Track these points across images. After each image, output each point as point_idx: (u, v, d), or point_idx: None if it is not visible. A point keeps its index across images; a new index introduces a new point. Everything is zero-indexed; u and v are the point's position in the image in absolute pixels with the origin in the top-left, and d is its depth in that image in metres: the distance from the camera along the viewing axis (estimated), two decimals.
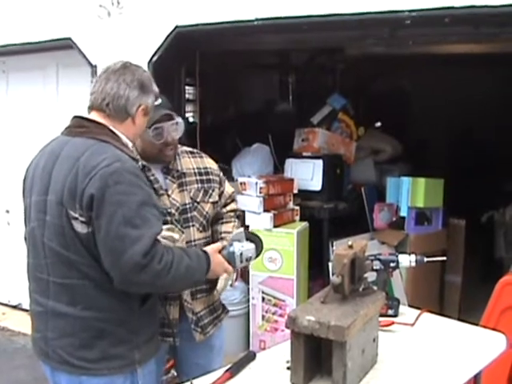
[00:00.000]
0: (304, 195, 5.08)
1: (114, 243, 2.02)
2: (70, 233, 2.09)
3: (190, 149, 2.88)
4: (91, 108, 2.25)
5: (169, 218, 2.63)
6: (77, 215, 2.06)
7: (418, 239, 4.94)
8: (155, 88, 2.32)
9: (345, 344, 1.99)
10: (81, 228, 2.07)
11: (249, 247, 2.51)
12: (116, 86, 2.20)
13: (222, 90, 6.07)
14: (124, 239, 2.01)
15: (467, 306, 5.01)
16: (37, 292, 2.24)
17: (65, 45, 4.81)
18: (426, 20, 3.52)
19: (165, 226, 2.30)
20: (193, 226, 2.68)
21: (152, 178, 2.65)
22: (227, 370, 2.24)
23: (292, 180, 4.95)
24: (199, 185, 2.76)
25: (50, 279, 2.17)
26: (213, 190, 2.80)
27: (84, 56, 4.63)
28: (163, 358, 2.88)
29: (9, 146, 5.67)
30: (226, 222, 2.87)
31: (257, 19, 3.86)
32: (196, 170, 2.79)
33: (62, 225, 2.10)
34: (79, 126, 2.21)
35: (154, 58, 4.35)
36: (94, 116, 2.23)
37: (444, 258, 3.09)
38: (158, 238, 2.11)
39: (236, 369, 2.27)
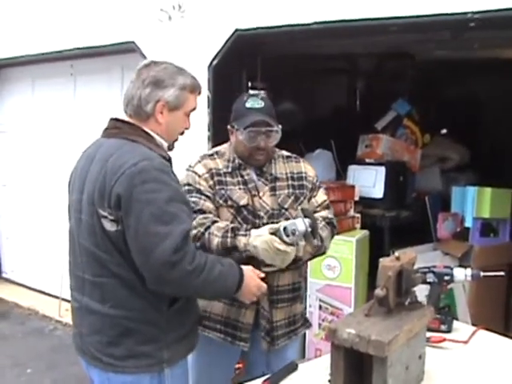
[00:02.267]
0: (366, 203, 4.98)
1: (144, 241, 2.03)
2: (100, 231, 2.11)
3: (287, 153, 2.83)
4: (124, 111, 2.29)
5: (257, 221, 2.62)
6: (106, 214, 2.08)
7: (483, 251, 4.75)
8: (180, 80, 2.23)
9: (385, 360, 1.90)
10: (110, 226, 2.09)
11: (293, 221, 2.43)
12: (131, 86, 2.23)
13: (286, 94, 6.02)
14: (153, 236, 2.02)
15: None
16: (74, 289, 2.29)
17: (129, 48, 4.90)
18: (491, 22, 3.36)
19: None
20: None
21: (247, 177, 2.67)
22: (266, 380, 2.19)
23: (353, 187, 4.86)
24: (290, 190, 2.71)
25: (85, 277, 2.20)
26: (304, 197, 2.73)
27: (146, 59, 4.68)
28: (233, 361, 2.88)
29: (75, 145, 5.79)
30: None
31: (315, 23, 3.80)
32: (289, 175, 2.74)
33: (93, 224, 2.13)
34: (113, 128, 2.25)
35: (215, 62, 4.37)
36: (126, 118, 2.26)
37: (502, 274, 2.92)
38: (190, 232, 2.10)
39: (275, 379, 2.22)
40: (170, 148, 2.34)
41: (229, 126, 2.73)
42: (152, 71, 2.21)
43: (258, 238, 2.44)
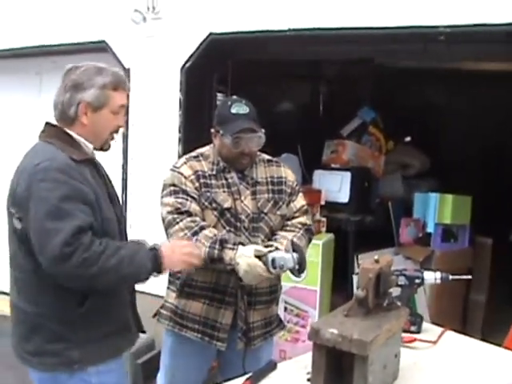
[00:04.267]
0: (331, 207, 5.07)
1: (39, 237, 2.10)
2: (12, 228, 2.22)
3: (268, 157, 2.88)
4: None
5: (238, 224, 2.67)
6: (13, 211, 2.19)
7: (443, 256, 4.89)
8: (99, 80, 2.27)
9: (367, 358, 1.97)
10: (17, 223, 2.18)
11: (282, 255, 2.50)
12: (56, 93, 2.30)
13: (253, 98, 6.05)
14: (45, 232, 2.07)
15: (490, 326, 4.93)
16: (10, 286, 2.35)
17: (99, 47, 4.84)
18: (460, 36, 3.49)
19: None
20: (258, 236, 2.68)
21: (230, 180, 2.71)
22: (247, 379, 2.24)
23: (319, 191, 4.94)
24: (270, 195, 2.76)
25: (12, 273, 2.29)
26: (283, 202, 2.78)
27: (117, 59, 4.67)
28: (209, 360, 2.93)
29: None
30: (289, 231, 2.77)
31: (289, 29, 3.87)
32: (269, 179, 2.79)
33: (8, 222, 2.24)
34: (43, 131, 2.33)
35: (187, 65, 4.40)
36: (56, 121, 2.33)
37: (469, 277, 3.06)
38: (85, 228, 2.11)
39: (256, 378, 2.27)
40: (105, 148, 2.39)
41: (212, 130, 2.77)
42: (72, 75, 2.27)
43: (244, 258, 2.50)
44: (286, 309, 4.61)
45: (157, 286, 3.11)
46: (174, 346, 2.86)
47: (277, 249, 2.57)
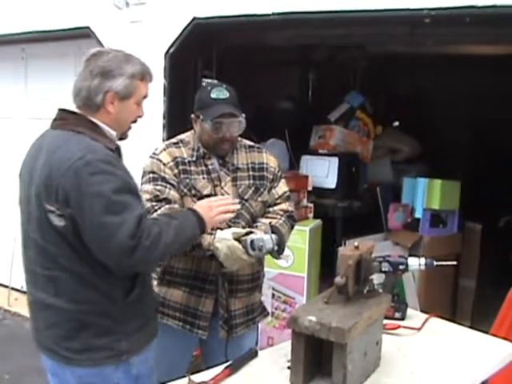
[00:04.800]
0: (319, 193, 5.04)
1: (100, 233, 2.03)
2: (47, 226, 2.10)
3: (250, 143, 2.85)
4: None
5: None
6: (53, 208, 2.07)
7: (432, 242, 4.87)
8: (129, 69, 2.18)
9: (345, 346, 1.95)
10: (58, 221, 2.08)
11: (261, 237, 2.48)
12: (80, 78, 2.19)
13: (240, 83, 6.00)
14: (107, 227, 2.02)
15: (480, 311, 4.93)
16: (29, 283, 2.27)
17: (84, 33, 4.82)
18: (446, 19, 3.46)
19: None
20: (239, 223, 2.65)
21: (210, 167, 2.69)
22: (227, 367, 2.23)
23: (307, 177, 4.91)
24: (251, 181, 2.73)
25: (38, 271, 2.19)
26: (264, 189, 2.76)
27: (102, 45, 4.61)
28: (191, 349, 2.91)
29: (26, 133, 5.65)
30: (271, 217, 2.75)
31: (273, 13, 3.83)
32: (250, 166, 2.76)
33: (40, 218, 2.12)
34: (60, 119, 2.23)
35: (171, 50, 4.35)
36: (74, 108, 2.23)
37: (454, 263, 3.03)
38: (144, 216, 2.10)
39: (237, 365, 2.26)
40: (123, 137, 2.33)
41: (193, 115, 2.73)
42: (100, 61, 2.17)
43: (223, 241, 2.48)
44: (273, 295, 4.59)
45: None
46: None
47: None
